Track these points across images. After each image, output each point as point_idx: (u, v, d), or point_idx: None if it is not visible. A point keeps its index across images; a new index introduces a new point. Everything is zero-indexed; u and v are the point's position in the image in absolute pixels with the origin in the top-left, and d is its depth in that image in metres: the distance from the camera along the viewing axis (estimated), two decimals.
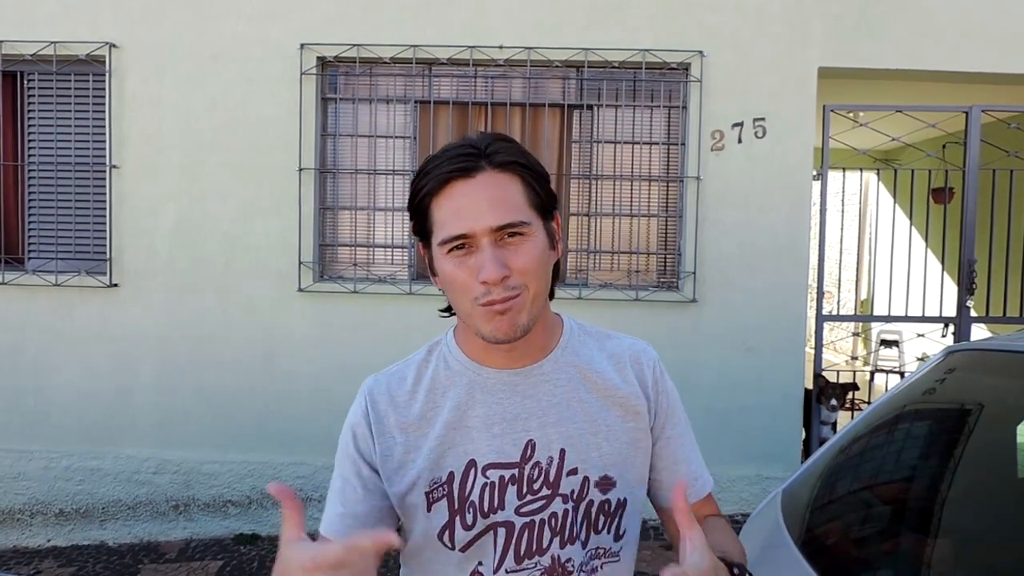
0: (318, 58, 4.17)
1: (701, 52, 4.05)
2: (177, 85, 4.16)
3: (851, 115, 4.28)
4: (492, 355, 1.06)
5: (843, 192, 4.61)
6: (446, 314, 1.12)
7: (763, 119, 4.06)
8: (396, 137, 4.29)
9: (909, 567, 1.36)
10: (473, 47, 4.11)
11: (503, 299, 0.94)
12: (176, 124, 4.17)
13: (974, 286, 4.16)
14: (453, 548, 1.01)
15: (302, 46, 4.12)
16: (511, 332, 0.96)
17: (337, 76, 4.29)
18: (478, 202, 0.94)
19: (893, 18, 4.09)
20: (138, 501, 4.22)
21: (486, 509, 1.00)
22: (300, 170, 4.15)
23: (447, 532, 1.01)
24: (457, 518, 1.01)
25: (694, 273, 4.10)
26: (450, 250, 0.96)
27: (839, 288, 9.15)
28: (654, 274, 4.29)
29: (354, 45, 4.13)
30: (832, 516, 1.60)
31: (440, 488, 1.01)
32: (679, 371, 4.15)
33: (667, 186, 4.26)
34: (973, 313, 4.37)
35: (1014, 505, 1.48)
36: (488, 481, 1.01)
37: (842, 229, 4.84)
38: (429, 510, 1.01)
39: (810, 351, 4.48)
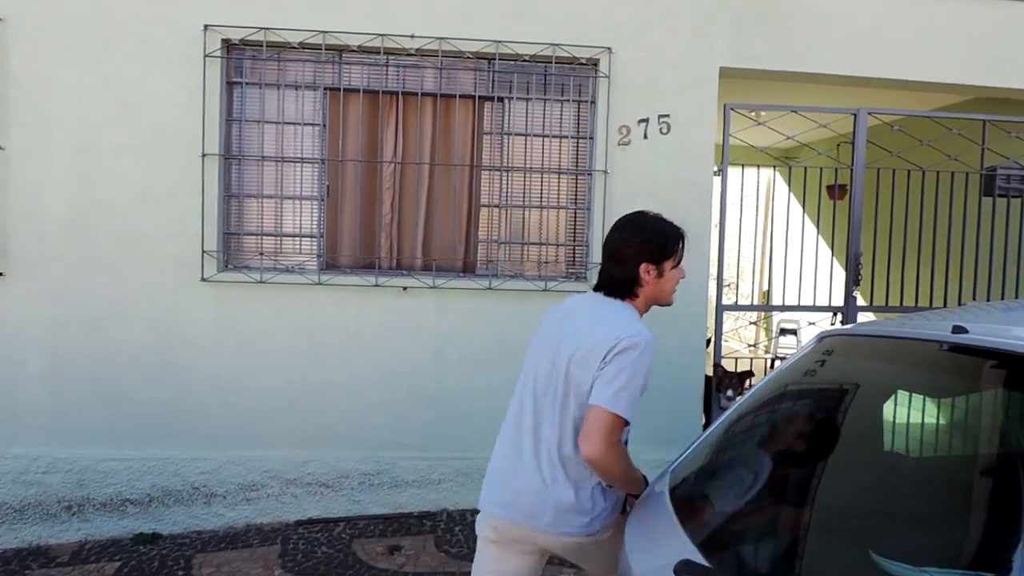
0: (223, 40, 4.04)
1: (609, 49, 4.15)
2: (68, 62, 3.95)
3: (752, 114, 4.48)
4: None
5: (742, 188, 4.82)
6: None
7: (668, 116, 4.20)
8: (305, 124, 4.20)
9: (783, 534, 1.45)
10: (384, 35, 4.07)
11: None
12: (67, 104, 3.96)
13: (860, 277, 4.44)
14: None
15: (206, 27, 3.98)
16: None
17: (243, 60, 4.17)
18: None
19: (791, 23, 4.29)
20: (26, 503, 4.00)
21: None
22: (204, 156, 4.01)
23: None
24: None
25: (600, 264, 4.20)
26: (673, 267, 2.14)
27: (747, 279, 9.55)
28: (563, 265, 4.38)
29: (261, 28, 4.02)
30: (714, 489, 1.69)
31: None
32: None
33: (576, 179, 4.35)
34: (860, 302, 4.66)
35: (880, 474, 1.60)
36: None
37: (739, 222, 5.05)
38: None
39: (730, 344, 4.66)
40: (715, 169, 4.32)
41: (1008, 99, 4.80)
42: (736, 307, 4.89)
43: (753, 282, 9.33)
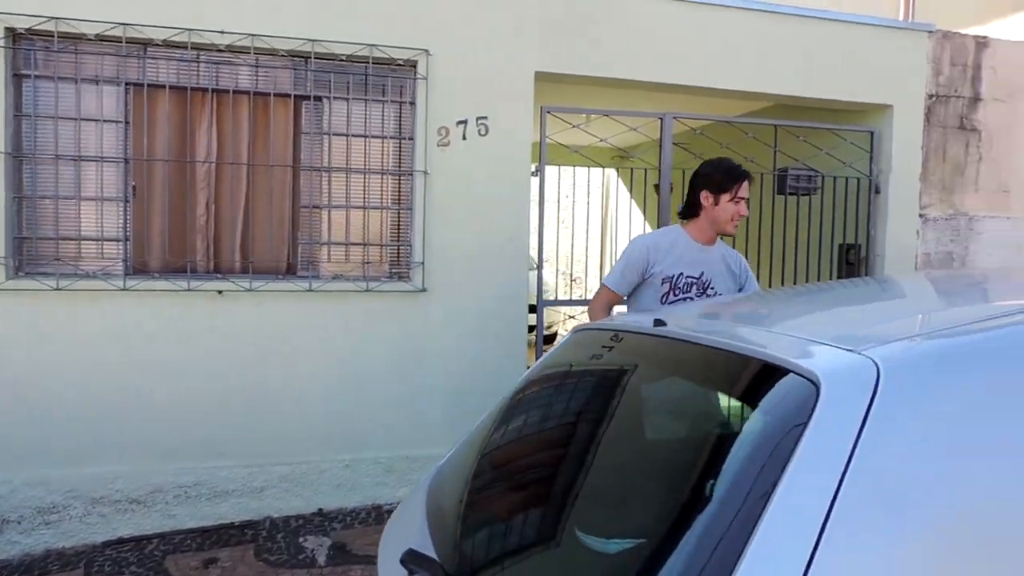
0: (7, 29, 3.75)
1: (427, 51, 4.20)
2: None
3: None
4: (705, 237, 3.12)
5: (574, 186, 5.04)
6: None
7: (486, 118, 4.30)
8: (106, 121, 3.97)
9: (503, 518, 1.54)
10: (191, 30, 3.92)
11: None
12: None
13: None
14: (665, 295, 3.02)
15: None
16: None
17: (33, 51, 3.88)
18: None
19: (605, 32, 4.50)
20: None
21: (681, 287, 3.02)
22: None
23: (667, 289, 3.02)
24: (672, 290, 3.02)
25: (423, 264, 4.26)
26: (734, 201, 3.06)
27: (595, 274, 9.91)
28: (386, 265, 4.39)
29: (51, 18, 3.76)
30: (460, 481, 1.77)
31: (670, 278, 3.03)
32: (413, 358, 4.30)
33: (399, 179, 4.37)
34: None
35: (637, 459, 1.73)
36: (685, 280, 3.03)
37: (572, 220, 5.28)
38: (662, 284, 3.03)
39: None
40: (532, 169, 4.47)
41: (800, 106, 5.26)
42: (554, 302, 5.08)
43: (600, 276, 9.73)
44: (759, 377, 1.22)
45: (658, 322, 1.56)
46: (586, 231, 8.19)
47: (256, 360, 4.11)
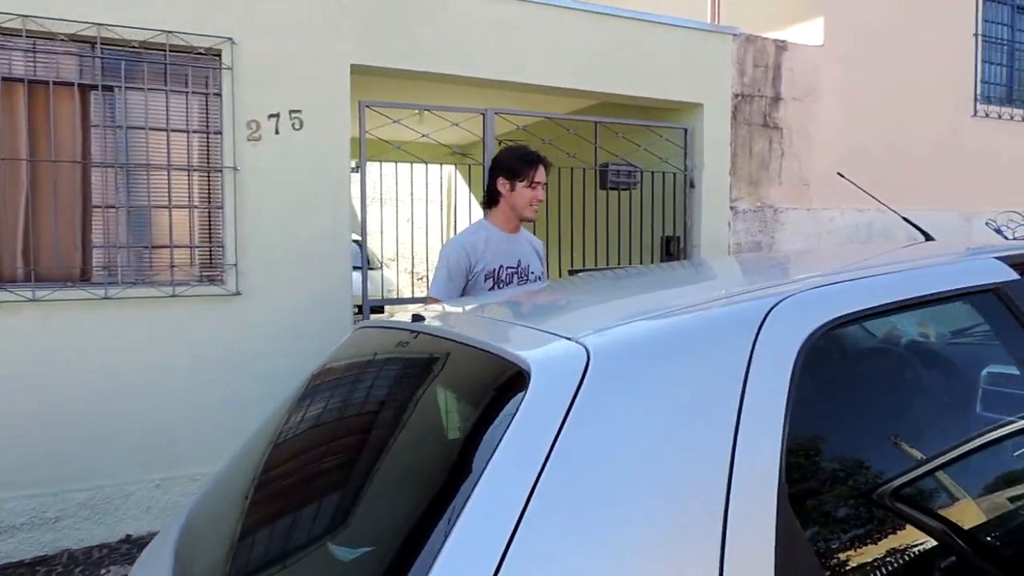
0: None
1: (231, 39, 3.96)
2: None
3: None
4: (511, 226, 3.15)
5: (396, 184, 4.93)
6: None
7: (299, 111, 4.12)
8: None
9: (292, 536, 1.43)
10: None
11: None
12: None
13: None
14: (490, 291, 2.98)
15: None
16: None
17: None
18: None
19: (424, 25, 4.42)
20: None
21: (504, 279, 3.05)
22: None
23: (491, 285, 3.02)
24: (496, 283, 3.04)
25: (236, 266, 4.02)
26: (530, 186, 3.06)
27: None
28: (197, 268, 4.10)
29: None
30: (214, 507, 1.64)
31: (492, 273, 3.03)
32: (228, 365, 4.04)
33: (207, 176, 4.09)
34: None
35: (379, 464, 1.66)
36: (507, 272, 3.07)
37: (395, 218, 5.19)
38: (485, 280, 3.03)
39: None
40: (354, 165, 4.34)
41: (624, 104, 5.44)
42: (382, 301, 4.98)
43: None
44: (487, 371, 1.19)
45: (416, 317, 1.51)
46: (425, 228, 8.11)
47: (45, 376, 3.71)
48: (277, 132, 4.08)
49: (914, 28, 6.17)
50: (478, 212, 7.33)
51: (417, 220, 7.10)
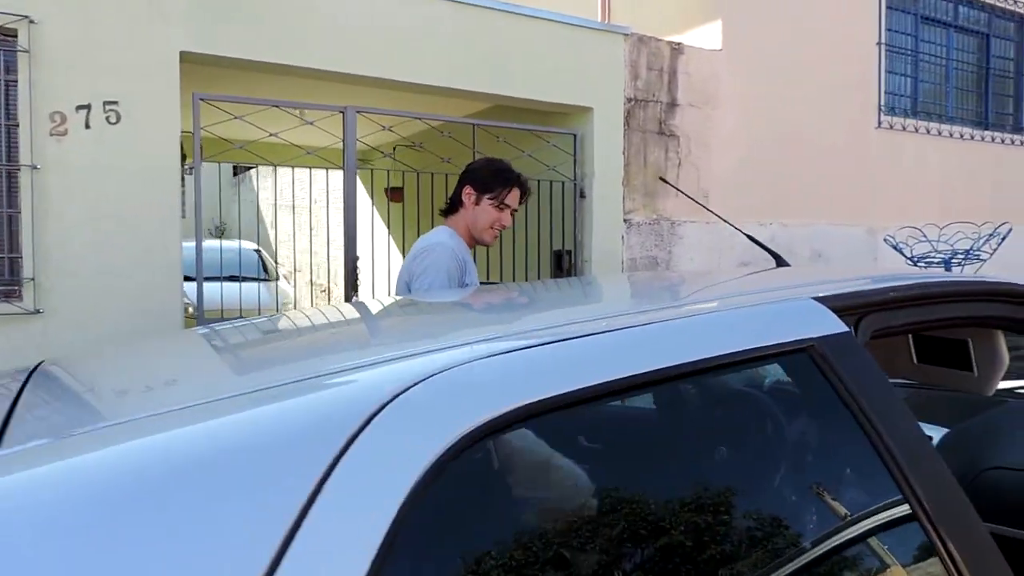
0: None
1: (29, 17, 3.42)
2: None
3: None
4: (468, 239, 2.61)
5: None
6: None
7: (116, 103, 3.60)
8: None
9: None
10: None
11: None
12: None
13: (359, 282, 4.29)
14: None
15: None
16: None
17: None
18: None
19: (266, 10, 3.96)
20: None
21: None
22: None
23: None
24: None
25: (34, 280, 3.46)
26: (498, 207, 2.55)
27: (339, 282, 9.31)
28: None
29: None
30: None
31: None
32: None
33: (6, 175, 3.53)
34: None
35: None
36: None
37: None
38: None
39: None
40: (187, 166, 3.84)
41: (521, 108, 5.02)
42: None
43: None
44: None
45: None
46: (327, 238, 7.60)
47: None
48: (88, 126, 3.55)
49: (817, 35, 5.98)
50: (380, 222, 6.87)
51: (311, 228, 6.62)
